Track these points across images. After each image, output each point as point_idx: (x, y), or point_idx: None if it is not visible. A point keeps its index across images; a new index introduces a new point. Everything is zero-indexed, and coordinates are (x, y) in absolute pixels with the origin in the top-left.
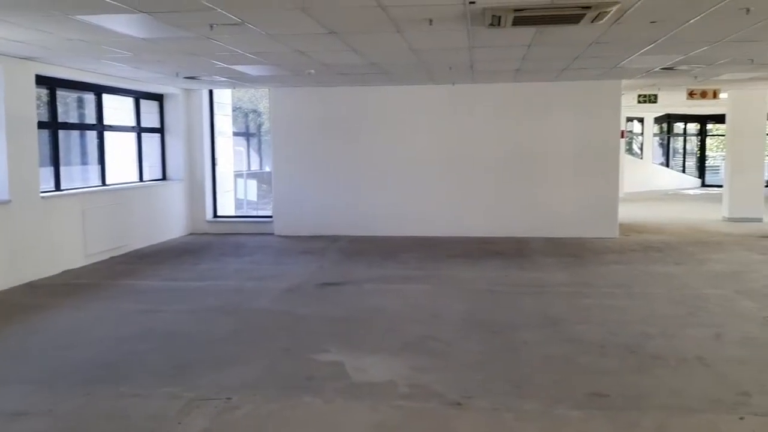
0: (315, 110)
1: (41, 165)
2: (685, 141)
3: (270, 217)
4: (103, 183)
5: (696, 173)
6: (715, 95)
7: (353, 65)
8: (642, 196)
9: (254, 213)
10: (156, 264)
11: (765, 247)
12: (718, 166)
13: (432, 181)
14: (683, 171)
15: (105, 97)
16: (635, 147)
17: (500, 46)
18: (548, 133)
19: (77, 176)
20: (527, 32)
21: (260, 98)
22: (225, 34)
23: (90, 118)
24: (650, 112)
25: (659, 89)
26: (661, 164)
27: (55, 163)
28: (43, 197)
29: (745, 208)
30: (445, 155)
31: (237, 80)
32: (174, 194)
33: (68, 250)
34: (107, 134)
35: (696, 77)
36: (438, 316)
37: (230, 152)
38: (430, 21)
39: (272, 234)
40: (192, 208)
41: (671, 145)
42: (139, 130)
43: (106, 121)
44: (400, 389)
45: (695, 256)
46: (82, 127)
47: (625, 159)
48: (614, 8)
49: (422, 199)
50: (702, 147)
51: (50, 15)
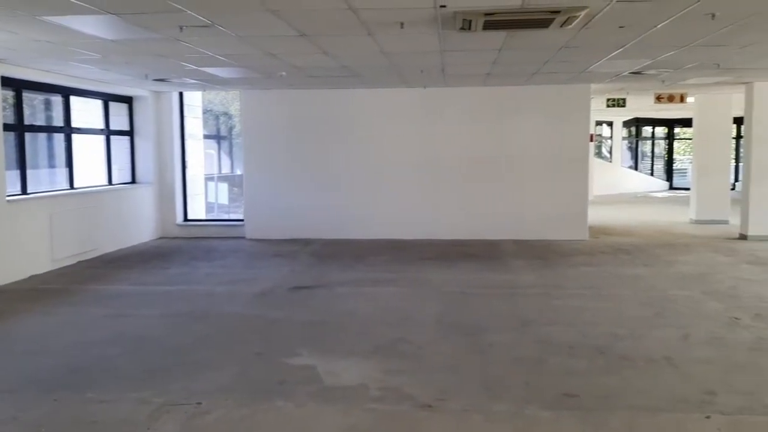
0: (286, 113)
1: (7, 168)
2: (653, 144)
3: (241, 221)
4: (71, 186)
5: (664, 176)
6: (683, 99)
7: (325, 68)
8: (611, 199)
9: (225, 216)
10: (125, 268)
11: (731, 249)
12: (686, 169)
13: (404, 184)
14: (651, 174)
15: (73, 99)
16: (604, 150)
17: (471, 50)
18: (519, 137)
19: (44, 179)
20: (498, 36)
21: (231, 100)
22: (195, 36)
23: (58, 121)
24: (619, 116)
25: (628, 93)
26: (630, 167)
27: (22, 167)
28: (9, 201)
29: (712, 211)
30: (417, 158)
31: (207, 82)
32: (144, 198)
33: (35, 255)
34: (75, 137)
35: (663, 81)
36: (410, 319)
37: (201, 155)
38: (402, 24)
39: (243, 237)
40: (162, 212)
41: (640, 149)
42: (108, 133)
43: (74, 124)
44: (372, 392)
45: (663, 258)
46: (50, 130)
47: (595, 162)
48: (583, 13)
49: (394, 202)
50: (670, 150)
51: (15, 15)
